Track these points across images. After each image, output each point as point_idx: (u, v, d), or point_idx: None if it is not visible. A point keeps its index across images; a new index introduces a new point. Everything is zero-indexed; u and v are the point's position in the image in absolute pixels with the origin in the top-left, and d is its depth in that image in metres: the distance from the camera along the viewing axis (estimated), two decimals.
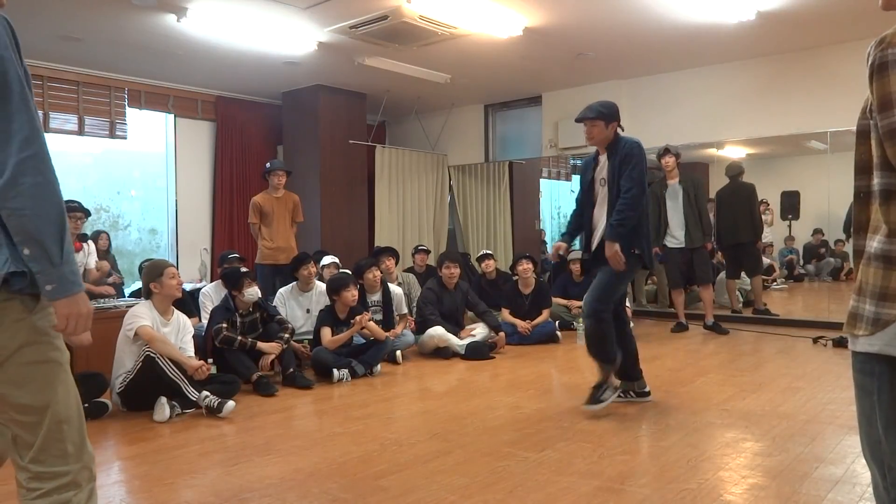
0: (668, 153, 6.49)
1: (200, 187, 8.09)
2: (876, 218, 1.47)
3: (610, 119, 3.82)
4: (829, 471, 2.81)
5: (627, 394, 3.99)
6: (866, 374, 1.50)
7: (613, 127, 3.84)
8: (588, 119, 3.82)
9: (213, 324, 4.56)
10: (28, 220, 1.41)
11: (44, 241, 1.42)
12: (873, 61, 1.40)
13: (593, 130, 3.83)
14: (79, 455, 1.56)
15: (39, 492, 1.51)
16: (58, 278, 1.45)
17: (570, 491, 2.64)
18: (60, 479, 1.53)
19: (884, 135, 1.39)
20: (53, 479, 1.52)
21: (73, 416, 1.57)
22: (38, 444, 1.52)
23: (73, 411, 1.57)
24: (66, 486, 1.53)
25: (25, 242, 1.42)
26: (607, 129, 3.82)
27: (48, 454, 1.52)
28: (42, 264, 1.43)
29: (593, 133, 3.83)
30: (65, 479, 1.53)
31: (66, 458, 1.54)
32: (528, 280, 6.38)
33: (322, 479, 2.82)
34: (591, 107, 3.84)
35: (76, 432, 1.57)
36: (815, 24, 6.00)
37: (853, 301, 1.51)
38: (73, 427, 1.56)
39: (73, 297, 1.47)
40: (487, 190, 9.82)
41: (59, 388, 1.55)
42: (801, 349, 5.69)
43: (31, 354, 1.51)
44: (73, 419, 1.56)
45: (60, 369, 1.57)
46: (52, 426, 1.53)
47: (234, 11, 5.46)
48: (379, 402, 4.23)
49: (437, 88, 7.98)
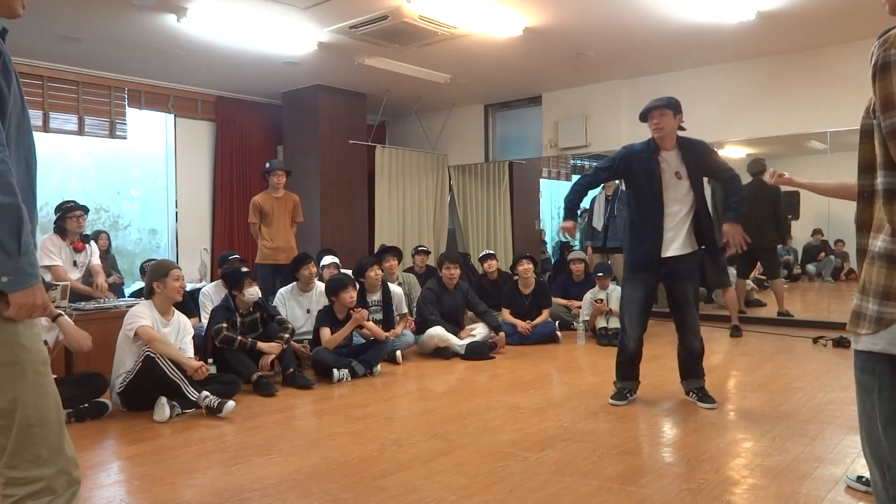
0: None
1: (200, 187, 8.09)
2: (879, 217, 1.47)
3: (678, 110, 3.78)
4: (829, 471, 2.81)
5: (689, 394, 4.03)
6: (867, 372, 1.50)
7: (679, 119, 3.80)
8: (659, 108, 3.73)
9: (214, 324, 4.56)
10: None
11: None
12: (876, 61, 1.40)
13: (663, 120, 3.72)
14: (54, 459, 1.52)
15: (13, 499, 1.48)
16: (14, 270, 1.45)
17: (570, 491, 2.64)
18: (34, 485, 1.49)
19: (887, 134, 1.39)
20: (26, 484, 1.49)
21: (49, 419, 1.54)
22: (9, 449, 1.49)
23: (47, 414, 1.54)
24: (41, 492, 1.50)
25: None
26: (675, 119, 3.76)
27: (20, 458, 1.49)
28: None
29: (663, 123, 3.72)
30: (38, 486, 1.49)
31: (39, 463, 1.50)
32: (528, 280, 6.37)
33: (322, 479, 2.82)
34: (660, 98, 3.79)
35: (52, 436, 1.53)
36: (815, 24, 6.00)
37: (856, 300, 1.51)
38: (48, 431, 1.52)
39: (29, 289, 1.48)
40: (487, 190, 9.82)
41: (29, 390, 1.52)
42: (801, 349, 5.69)
43: None
44: (47, 422, 1.53)
45: (30, 370, 1.53)
46: (22, 429, 1.49)
47: (234, 11, 5.46)
48: (379, 402, 4.23)
49: (437, 88, 7.98)
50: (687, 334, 3.90)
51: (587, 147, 8.19)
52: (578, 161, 10.87)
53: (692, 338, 3.89)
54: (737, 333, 6.30)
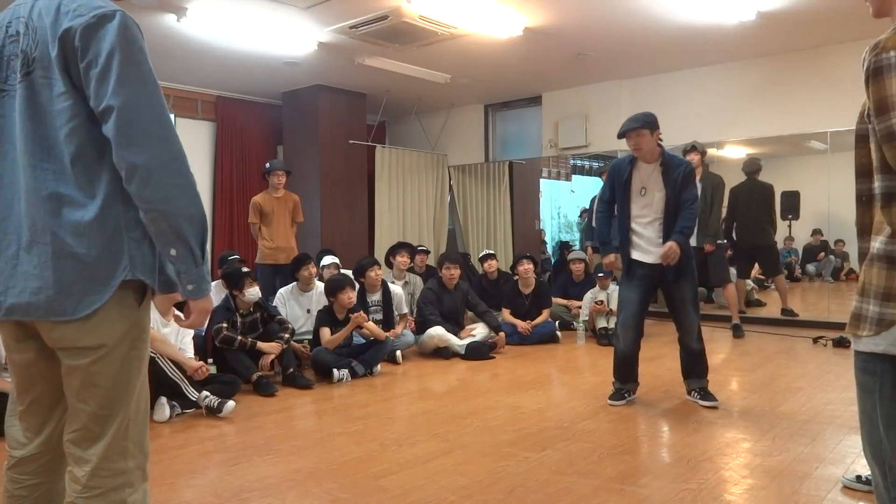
0: (693, 150, 6.25)
1: (200, 187, 7.77)
2: (879, 220, 1.47)
3: (654, 127, 3.78)
4: (829, 471, 2.81)
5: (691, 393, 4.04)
6: (868, 372, 1.50)
7: (657, 135, 3.81)
8: (633, 130, 3.74)
9: (214, 324, 4.56)
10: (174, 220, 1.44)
11: (190, 241, 1.46)
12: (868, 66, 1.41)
13: (641, 141, 3.75)
14: (135, 453, 1.55)
15: (98, 490, 1.49)
16: (198, 278, 1.50)
17: (570, 491, 2.64)
18: (118, 478, 1.51)
19: (881, 138, 1.39)
20: (113, 476, 1.51)
21: (140, 414, 1.58)
22: (105, 440, 1.51)
23: (141, 409, 1.59)
24: (123, 485, 1.52)
25: (172, 243, 1.46)
26: (653, 137, 3.78)
27: (112, 450, 1.51)
28: (187, 264, 1.47)
29: (641, 143, 3.75)
30: (122, 479, 1.52)
31: (125, 456, 1.53)
32: (528, 280, 6.37)
33: (322, 479, 2.82)
34: (635, 117, 3.78)
35: (139, 431, 1.57)
36: (815, 24, 6.00)
37: (856, 301, 1.51)
38: (138, 425, 1.57)
39: (207, 296, 1.54)
40: (487, 190, 9.82)
41: (139, 385, 1.57)
42: (801, 349, 5.69)
43: (130, 348, 1.53)
44: (139, 416, 1.58)
45: (144, 367, 1.60)
46: (123, 422, 1.53)
47: (234, 11, 5.46)
48: (379, 402, 4.23)
49: (437, 88, 7.98)
50: (684, 336, 3.93)
51: (587, 147, 8.20)
52: (578, 161, 10.87)
53: (689, 339, 3.91)
54: (739, 333, 6.29)
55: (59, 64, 1.43)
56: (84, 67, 1.41)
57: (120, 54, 1.41)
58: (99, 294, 1.45)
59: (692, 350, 3.92)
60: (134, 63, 1.43)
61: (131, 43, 1.43)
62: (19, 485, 1.62)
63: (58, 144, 1.45)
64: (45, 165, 1.45)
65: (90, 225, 1.44)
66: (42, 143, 1.45)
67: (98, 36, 1.41)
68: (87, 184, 1.45)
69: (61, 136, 1.44)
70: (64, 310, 1.44)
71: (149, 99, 1.44)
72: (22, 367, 1.59)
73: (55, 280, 1.44)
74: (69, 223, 1.44)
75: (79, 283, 1.44)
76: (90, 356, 1.47)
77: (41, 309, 1.45)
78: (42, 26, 1.45)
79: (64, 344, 1.48)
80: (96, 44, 1.41)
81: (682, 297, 3.88)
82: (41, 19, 1.45)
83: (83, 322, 1.45)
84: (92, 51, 1.41)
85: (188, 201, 1.46)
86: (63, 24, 1.42)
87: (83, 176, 1.45)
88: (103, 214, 1.45)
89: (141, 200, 1.43)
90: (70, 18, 1.42)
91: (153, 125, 1.43)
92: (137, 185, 1.42)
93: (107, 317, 1.47)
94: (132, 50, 1.43)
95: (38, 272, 1.45)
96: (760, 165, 6.99)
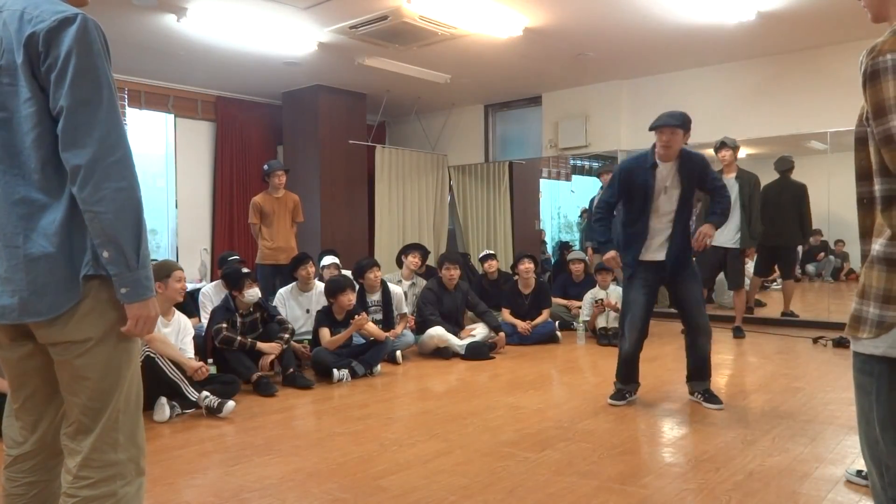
0: (724, 146, 6.09)
1: (200, 187, 8.09)
2: (879, 222, 1.47)
3: (687, 129, 3.72)
4: (829, 471, 2.81)
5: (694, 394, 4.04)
6: (866, 374, 1.50)
7: (686, 138, 3.77)
8: (670, 126, 3.63)
9: (214, 324, 4.56)
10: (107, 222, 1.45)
11: (122, 245, 1.47)
12: (865, 69, 1.41)
13: (673, 139, 3.65)
14: (127, 447, 1.58)
15: (89, 481, 1.53)
16: (132, 282, 1.49)
17: (570, 491, 2.64)
18: (108, 470, 1.55)
19: (879, 142, 1.40)
20: (102, 467, 1.54)
21: (131, 406, 1.60)
22: (96, 432, 1.54)
23: (131, 402, 1.60)
24: (113, 476, 1.55)
25: (104, 245, 1.47)
26: (684, 138, 3.73)
27: (102, 441, 1.55)
28: (119, 267, 1.48)
29: (673, 141, 3.65)
30: (111, 471, 1.55)
31: (116, 448, 1.56)
32: (528, 280, 6.37)
33: (322, 479, 2.82)
34: (673, 114, 3.68)
35: (131, 423, 1.60)
36: (815, 25, 6.00)
37: (856, 303, 1.51)
38: (130, 417, 1.59)
39: (145, 302, 1.52)
40: (487, 190, 9.82)
41: (129, 377, 1.59)
42: (801, 349, 5.69)
43: (117, 341, 1.55)
44: (130, 409, 1.60)
45: (135, 357, 1.62)
46: (113, 414, 1.56)
47: (234, 11, 5.46)
48: (379, 402, 4.23)
49: (437, 88, 7.98)
50: (699, 337, 3.88)
51: (587, 147, 8.20)
52: (578, 161, 10.87)
53: (705, 340, 3.87)
54: (739, 335, 6.28)
55: (25, 70, 1.46)
56: (45, 70, 1.45)
57: (76, 57, 1.44)
58: (73, 292, 1.49)
59: (704, 352, 3.89)
60: (89, 66, 1.46)
61: (89, 45, 1.46)
62: (16, 483, 1.66)
63: (25, 150, 1.49)
64: (15, 171, 1.50)
65: (60, 226, 1.48)
66: (10, 150, 1.50)
67: (59, 39, 1.45)
68: (56, 187, 1.49)
69: (28, 142, 1.48)
70: (39, 310, 1.49)
71: (99, 101, 1.46)
72: (15, 364, 1.63)
73: (28, 282, 1.48)
74: (40, 226, 1.49)
75: (51, 283, 1.48)
76: (77, 350, 1.51)
77: (16, 311, 1.50)
78: (7, 35, 1.48)
79: (52, 340, 1.52)
80: (56, 47, 1.45)
81: (694, 297, 3.86)
82: (6, 29, 1.49)
83: (65, 319, 1.49)
84: (52, 54, 1.45)
85: (124, 205, 1.47)
86: (27, 30, 1.46)
87: (52, 180, 1.49)
88: (70, 215, 1.49)
89: (80, 201, 1.46)
90: (33, 24, 1.45)
91: (98, 128, 1.45)
92: (78, 186, 1.45)
93: (88, 311, 1.51)
94: (89, 53, 1.46)
95: (10, 275, 1.50)
96: (793, 164, 6.81)
